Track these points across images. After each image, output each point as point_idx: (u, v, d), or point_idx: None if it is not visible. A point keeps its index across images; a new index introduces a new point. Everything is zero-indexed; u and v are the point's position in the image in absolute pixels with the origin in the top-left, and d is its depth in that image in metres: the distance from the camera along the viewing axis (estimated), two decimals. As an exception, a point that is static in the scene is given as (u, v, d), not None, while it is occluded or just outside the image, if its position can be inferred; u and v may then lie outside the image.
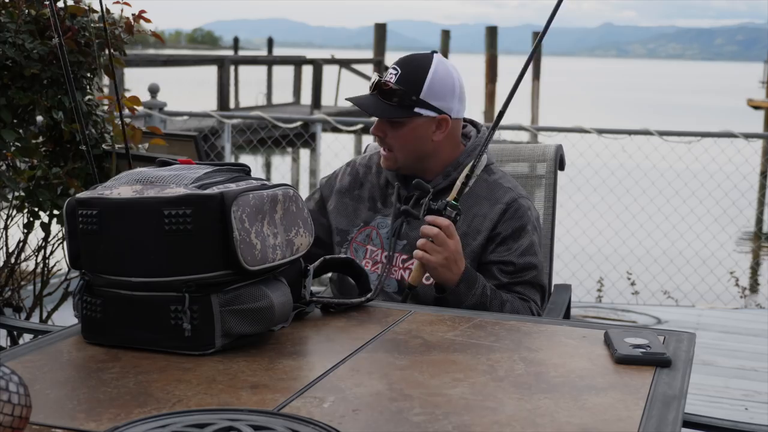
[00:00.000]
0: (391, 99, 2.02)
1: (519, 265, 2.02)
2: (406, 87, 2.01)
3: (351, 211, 2.16)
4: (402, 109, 2.02)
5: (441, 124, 2.05)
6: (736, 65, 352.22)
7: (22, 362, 1.38)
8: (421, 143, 2.05)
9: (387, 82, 2.02)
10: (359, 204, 2.16)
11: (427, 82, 2.02)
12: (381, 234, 2.10)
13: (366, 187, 2.17)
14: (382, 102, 2.03)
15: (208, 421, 1.05)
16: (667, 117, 30.24)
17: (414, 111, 2.02)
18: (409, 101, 2.01)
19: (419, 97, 2.01)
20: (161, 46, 24.17)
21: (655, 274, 6.28)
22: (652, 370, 1.41)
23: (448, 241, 1.90)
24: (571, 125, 5.92)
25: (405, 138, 2.05)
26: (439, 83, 2.03)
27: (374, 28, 22.18)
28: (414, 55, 2.08)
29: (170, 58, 17.36)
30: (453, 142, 2.10)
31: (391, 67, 2.06)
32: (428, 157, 2.08)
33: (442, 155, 2.09)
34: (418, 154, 2.07)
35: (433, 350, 1.49)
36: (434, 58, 2.05)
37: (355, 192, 2.18)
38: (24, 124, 2.76)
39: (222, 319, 1.43)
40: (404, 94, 2.01)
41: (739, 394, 3.88)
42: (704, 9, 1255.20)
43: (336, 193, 2.20)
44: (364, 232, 2.13)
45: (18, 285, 2.96)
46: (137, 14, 2.85)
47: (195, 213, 1.39)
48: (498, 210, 2.04)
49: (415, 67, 2.03)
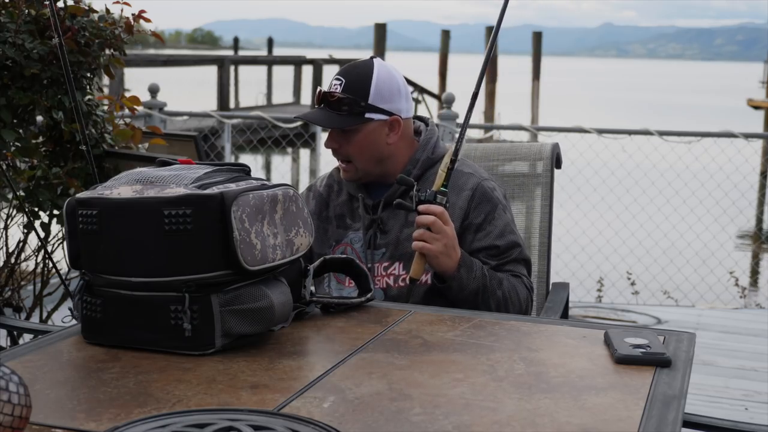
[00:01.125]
0: (340, 109, 2.02)
1: (502, 247, 2.05)
2: (353, 94, 2.02)
3: (322, 234, 2.15)
4: (353, 116, 2.02)
5: (393, 126, 2.06)
6: (736, 65, 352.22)
7: (22, 362, 1.38)
8: (377, 147, 2.06)
9: (333, 92, 2.03)
10: (328, 225, 2.16)
11: (372, 86, 2.02)
12: (356, 248, 2.10)
13: (331, 206, 2.18)
14: (332, 113, 2.03)
15: (208, 421, 1.05)
16: (667, 117, 30.25)
17: (365, 117, 2.03)
18: (359, 108, 2.02)
19: (368, 102, 2.02)
20: (161, 46, 24.18)
21: (655, 274, 6.28)
22: (652, 370, 1.41)
23: (445, 228, 1.91)
24: (571, 125, 5.92)
25: (360, 145, 2.05)
26: (384, 86, 2.04)
27: (374, 28, 22.18)
28: (354, 63, 2.09)
29: (170, 58, 17.36)
30: (407, 141, 2.11)
31: (333, 78, 2.07)
32: (386, 160, 2.08)
33: (399, 156, 2.09)
34: (375, 158, 2.07)
35: (433, 350, 1.49)
36: (375, 62, 2.07)
37: (323, 214, 2.18)
38: (24, 124, 2.76)
39: (222, 319, 1.43)
40: (352, 102, 2.01)
41: (739, 394, 3.88)
42: (704, 9, 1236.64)
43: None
44: (338, 251, 2.12)
45: (18, 285, 2.96)
46: (137, 14, 2.85)
47: (195, 213, 1.39)
48: (465, 197, 2.05)
49: (357, 74, 2.04)
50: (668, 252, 6.47)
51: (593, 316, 5.25)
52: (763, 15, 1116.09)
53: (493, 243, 2.04)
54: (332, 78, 2.07)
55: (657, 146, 6.01)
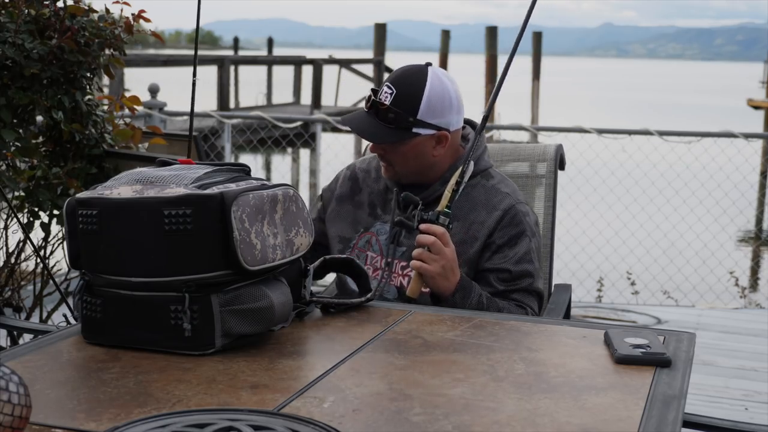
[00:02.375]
0: (387, 119, 1.98)
1: (515, 273, 2.01)
2: (402, 108, 1.97)
3: (352, 218, 2.14)
4: (399, 130, 1.98)
5: (441, 140, 2.02)
6: (736, 65, 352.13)
7: (22, 362, 1.38)
8: (422, 159, 2.03)
9: (383, 102, 1.98)
10: (359, 210, 2.14)
11: (423, 101, 1.97)
12: (380, 240, 2.09)
13: (365, 192, 2.16)
14: (379, 123, 1.99)
15: (208, 421, 1.05)
16: (667, 117, 30.23)
17: (412, 132, 1.99)
18: (406, 123, 1.97)
19: (417, 118, 1.98)
20: (161, 46, 24.17)
21: (655, 274, 6.28)
22: (652, 370, 1.41)
23: (444, 249, 1.88)
24: (571, 125, 5.92)
25: (405, 156, 2.02)
26: (436, 100, 1.99)
27: (374, 28, 22.17)
28: (407, 71, 2.02)
29: (170, 58, 17.34)
30: (452, 152, 2.07)
31: (385, 85, 2.01)
32: (429, 169, 2.06)
33: (442, 164, 2.06)
34: (418, 169, 2.05)
35: (433, 350, 1.49)
36: (429, 72, 2.00)
37: (355, 198, 2.16)
38: (24, 124, 2.76)
39: (222, 319, 1.43)
40: (401, 116, 1.97)
41: (739, 394, 3.88)
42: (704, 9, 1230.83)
43: (336, 199, 2.19)
44: (364, 238, 2.11)
45: (18, 285, 2.96)
46: (137, 14, 2.85)
47: (195, 213, 1.39)
48: (495, 217, 2.02)
49: (409, 85, 1.98)
50: (668, 252, 6.47)
51: (593, 316, 5.24)
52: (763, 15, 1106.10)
53: (507, 267, 2.00)
54: (384, 83, 2.02)
55: (657, 146, 6.01)
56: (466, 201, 2.02)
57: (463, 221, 2.02)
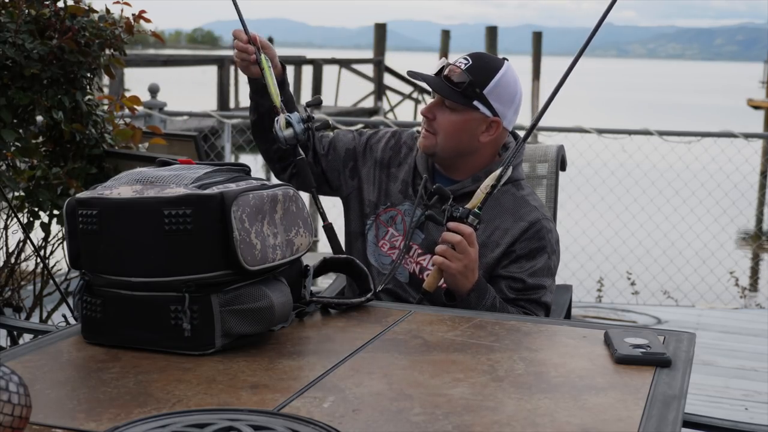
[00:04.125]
0: (455, 82, 1.99)
1: (528, 285, 2.00)
2: (473, 77, 1.99)
3: (384, 187, 2.13)
4: (463, 96, 1.99)
5: (492, 126, 2.02)
6: (736, 65, 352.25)
7: (22, 362, 1.38)
8: (467, 138, 2.02)
9: (457, 66, 2.01)
10: (392, 183, 2.13)
11: (494, 80, 2.00)
12: (406, 221, 2.08)
13: (403, 168, 2.14)
14: (446, 83, 2.00)
15: (208, 421, 1.05)
16: (667, 117, 30.21)
17: (473, 104, 2.00)
18: (472, 92, 1.99)
19: (482, 92, 1.99)
20: (161, 46, 24.18)
21: (655, 274, 6.28)
22: (652, 370, 1.41)
23: (469, 249, 1.87)
24: (571, 125, 5.92)
25: (454, 125, 2.01)
26: (504, 86, 2.02)
27: (374, 28, 22.18)
28: (487, 54, 2.08)
29: (170, 58, 17.36)
30: (494, 149, 2.07)
31: (461, 57, 2.04)
32: (466, 156, 2.05)
33: (479, 160, 2.06)
34: (459, 148, 2.04)
35: (433, 350, 1.49)
36: (506, 63, 2.05)
37: (391, 169, 2.15)
38: (24, 124, 2.76)
39: (222, 319, 1.43)
40: (470, 84, 1.99)
41: (739, 394, 3.88)
42: (704, 9, 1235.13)
43: (373, 160, 2.16)
44: (389, 213, 2.10)
45: (18, 285, 2.96)
46: (137, 14, 2.85)
47: (195, 213, 1.39)
48: (520, 227, 2.01)
49: (486, 62, 2.02)
50: (668, 252, 6.46)
51: (593, 316, 5.24)
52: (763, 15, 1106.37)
53: (522, 277, 2.00)
54: (461, 56, 2.05)
55: (657, 146, 6.01)
56: (494, 206, 2.01)
57: (487, 224, 2.00)
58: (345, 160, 2.18)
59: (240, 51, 2.12)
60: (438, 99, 2.04)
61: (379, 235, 2.10)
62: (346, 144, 2.18)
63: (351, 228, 2.16)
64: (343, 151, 2.18)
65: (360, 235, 2.13)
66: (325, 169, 2.18)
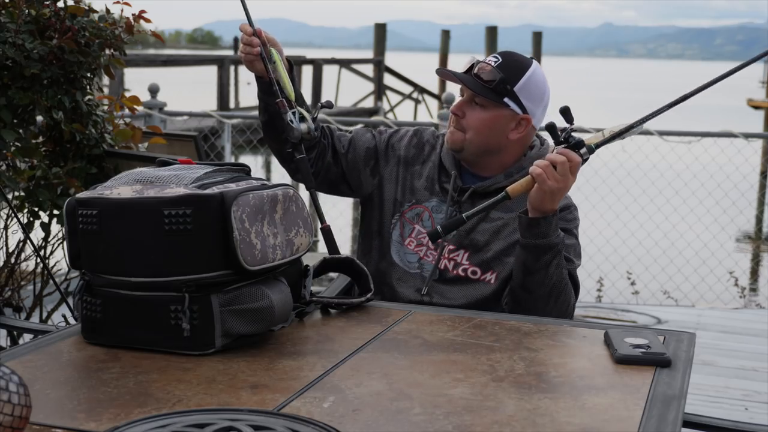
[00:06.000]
0: (486, 79, 2.00)
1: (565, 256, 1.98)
2: (504, 74, 2.00)
3: (408, 185, 2.12)
4: (494, 93, 2.00)
5: (521, 124, 2.03)
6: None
7: (22, 362, 1.38)
8: (496, 135, 2.03)
9: (488, 64, 2.01)
10: (416, 180, 2.12)
11: (524, 77, 2.01)
12: (434, 219, 2.07)
13: (427, 165, 2.13)
14: (476, 80, 2.01)
15: (208, 421, 1.05)
16: (667, 117, 30.17)
17: (503, 100, 2.00)
18: (503, 89, 2.00)
19: (513, 89, 2.00)
20: (161, 46, 24.17)
21: (655, 274, 6.28)
22: (652, 370, 1.41)
23: (569, 174, 1.86)
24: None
25: (483, 123, 2.02)
26: (534, 85, 2.03)
27: (374, 28, 22.19)
28: (516, 52, 2.09)
29: (170, 58, 17.36)
30: (521, 147, 2.07)
31: (491, 55, 2.05)
32: (493, 153, 2.05)
33: (506, 157, 2.06)
34: (487, 145, 2.04)
35: (433, 350, 1.49)
36: (535, 63, 2.06)
37: (415, 167, 2.14)
38: (24, 124, 2.76)
39: (222, 319, 1.43)
40: (501, 81, 1.99)
41: (739, 394, 3.88)
42: (704, 9, 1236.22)
43: (396, 158, 2.15)
44: (414, 210, 2.09)
45: (18, 285, 2.96)
46: (137, 14, 2.85)
47: (195, 213, 1.39)
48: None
49: (516, 61, 2.03)
50: (668, 252, 6.46)
51: (593, 316, 5.24)
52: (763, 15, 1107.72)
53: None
54: (490, 55, 2.06)
55: (657, 146, 6.01)
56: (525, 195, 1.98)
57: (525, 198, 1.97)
58: (366, 158, 2.16)
59: (245, 45, 2.11)
60: (467, 97, 2.04)
61: (404, 233, 2.08)
62: (366, 143, 2.17)
63: (371, 227, 2.13)
64: (363, 150, 2.16)
65: (380, 234, 2.12)
66: (345, 168, 2.15)
